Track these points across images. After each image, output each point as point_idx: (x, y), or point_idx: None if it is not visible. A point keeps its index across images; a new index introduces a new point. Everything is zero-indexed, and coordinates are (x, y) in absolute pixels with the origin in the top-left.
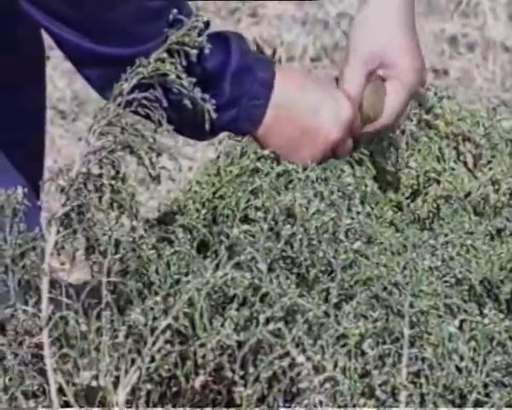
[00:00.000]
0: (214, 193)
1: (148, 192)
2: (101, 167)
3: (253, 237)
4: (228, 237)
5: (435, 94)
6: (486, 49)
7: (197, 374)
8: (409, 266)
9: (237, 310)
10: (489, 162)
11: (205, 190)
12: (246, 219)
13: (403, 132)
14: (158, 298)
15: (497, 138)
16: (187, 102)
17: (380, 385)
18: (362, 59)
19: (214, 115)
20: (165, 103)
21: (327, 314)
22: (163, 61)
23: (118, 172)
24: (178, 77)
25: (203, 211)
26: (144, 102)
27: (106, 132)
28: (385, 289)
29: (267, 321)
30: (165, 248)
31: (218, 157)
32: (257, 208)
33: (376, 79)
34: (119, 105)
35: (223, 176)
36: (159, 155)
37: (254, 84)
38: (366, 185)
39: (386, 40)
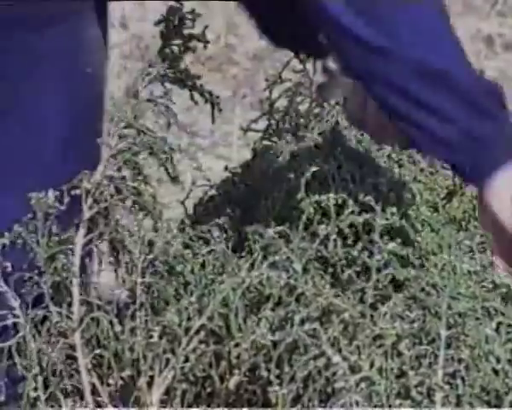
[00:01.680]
0: (249, 193)
1: (183, 192)
2: (119, 170)
3: (288, 236)
4: (262, 236)
5: None
6: None
7: (232, 374)
8: (447, 268)
9: (272, 310)
10: None
11: (240, 189)
12: (281, 219)
13: None
14: (192, 298)
15: None
16: None
17: (415, 386)
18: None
19: None
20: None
21: (363, 315)
22: None
23: (139, 174)
24: None
25: (238, 210)
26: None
27: (124, 135)
28: (422, 290)
29: (302, 321)
30: (201, 247)
31: (254, 157)
32: (292, 208)
33: None
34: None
35: (258, 176)
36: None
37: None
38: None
39: None
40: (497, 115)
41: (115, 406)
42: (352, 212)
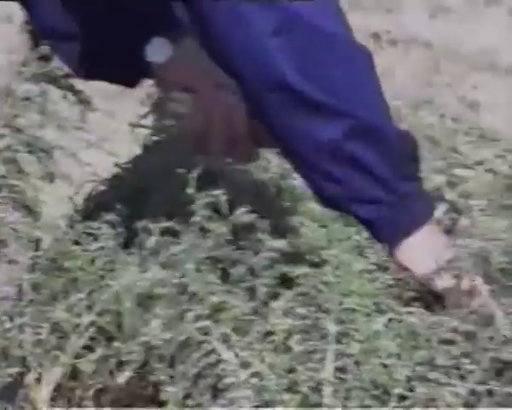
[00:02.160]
0: (139, 188)
1: (73, 188)
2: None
3: (179, 233)
4: (152, 233)
5: None
6: (408, 44)
7: (123, 371)
8: (341, 265)
9: (165, 309)
10: None
11: (130, 185)
12: (171, 215)
13: None
14: (82, 294)
15: (419, 135)
16: None
17: (305, 381)
18: None
19: None
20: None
21: (254, 311)
22: None
23: (19, 172)
24: None
25: (128, 206)
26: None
27: (2, 134)
28: (314, 287)
29: (195, 319)
30: (90, 243)
31: (143, 153)
32: (183, 204)
33: None
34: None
35: (147, 171)
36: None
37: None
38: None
39: None
40: (416, 173)
41: (5, 402)
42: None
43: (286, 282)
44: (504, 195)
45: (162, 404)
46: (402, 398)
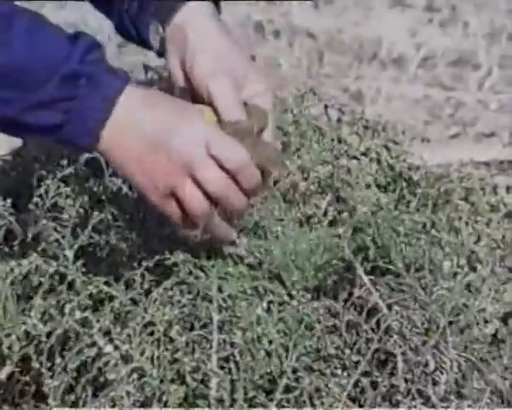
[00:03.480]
0: (21, 180)
1: None
2: None
3: (62, 223)
4: (35, 224)
5: None
6: (292, 35)
7: (3, 365)
8: (213, 251)
9: (44, 299)
10: (298, 150)
11: (11, 177)
12: (54, 206)
13: None
14: None
15: (305, 126)
16: None
17: (190, 372)
18: (227, 80)
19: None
20: None
21: (134, 302)
22: None
23: None
24: None
25: (9, 199)
26: None
27: None
28: (190, 273)
29: (73, 310)
30: None
31: (25, 145)
32: (67, 196)
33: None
34: None
35: (30, 163)
36: None
37: (94, 96)
38: None
39: (235, 58)
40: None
41: None
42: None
43: (166, 271)
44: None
45: (45, 399)
46: (288, 389)
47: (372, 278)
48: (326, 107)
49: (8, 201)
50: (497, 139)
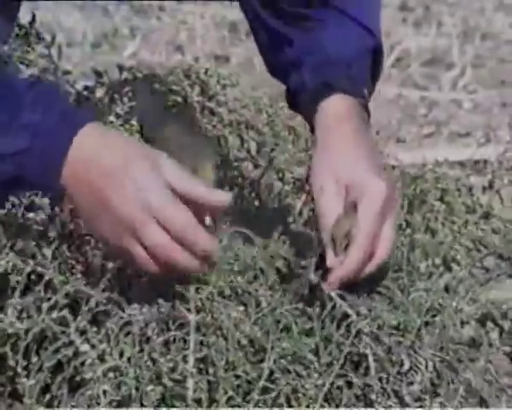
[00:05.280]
0: None
1: None
2: None
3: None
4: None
5: (218, 81)
6: None
7: None
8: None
9: (20, 297)
10: (272, 150)
11: None
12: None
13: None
14: None
15: (280, 126)
16: None
17: (167, 373)
18: (334, 190)
19: None
20: None
21: (114, 302)
22: None
23: None
24: None
25: None
26: None
27: None
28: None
29: (51, 309)
30: None
31: None
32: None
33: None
34: None
35: None
36: None
37: (55, 132)
38: None
39: (351, 165)
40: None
41: None
42: None
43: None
44: None
45: (21, 397)
46: (265, 390)
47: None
48: None
49: None
50: (472, 139)
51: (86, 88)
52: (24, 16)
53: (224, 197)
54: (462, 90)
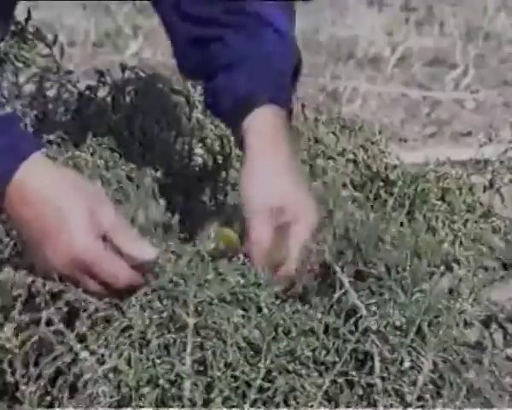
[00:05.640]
0: None
1: None
2: None
3: None
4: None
5: None
6: None
7: None
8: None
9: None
10: None
11: None
12: None
13: (189, 120)
14: None
15: None
16: None
17: (163, 374)
18: (263, 219)
19: None
20: None
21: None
22: None
23: None
24: None
25: None
26: None
27: None
28: (171, 281)
29: (49, 321)
30: None
31: None
32: None
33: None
34: None
35: None
36: None
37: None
38: None
39: (279, 191)
40: None
41: None
42: None
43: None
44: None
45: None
46: (262, 389)
47: (351, 279)
48: (303, 106)
49: None
50: (474, 139)
51: (88, 88)
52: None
53: (150, 254)
54: (464, 90)
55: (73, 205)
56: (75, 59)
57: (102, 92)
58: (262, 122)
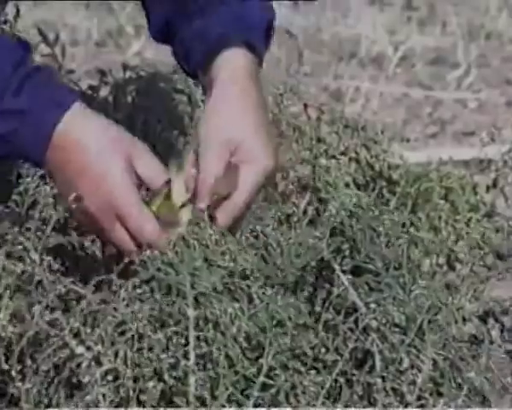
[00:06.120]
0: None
1: None
2: None
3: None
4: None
5: None
6: None
7: None
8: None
9: (11, 299)
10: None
11: None
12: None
13: (191, 119)
14: None
15: (284, 125)
16: None
17: (168, 369)
18: (217, 151)
19: None
20: None
21: (104, 301)
22: None
23: None
24: None
25: None
26: None
27: None
28: (159, 269)
29: (43, 311)
30: None
31: None
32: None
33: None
34: None
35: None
36: None
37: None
38: None
39: (238, 128)
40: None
41: None
42: None
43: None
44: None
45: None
46: (264, 387)
47: (350, 277)
48: (305, 106)
49: None
50: (476, 138)
51: (90, 87)
52: (27, 15)
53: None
54: (466, 90)
55: (112, 152)
56: (78, 58)
57: (104, 91)
58: (232, 62)
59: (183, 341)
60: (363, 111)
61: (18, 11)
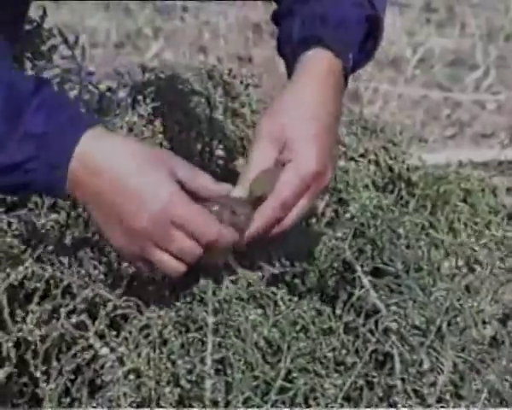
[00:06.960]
0: None
1: None
2: None
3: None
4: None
5: (241, 82)
6: None
7: (2, 366)
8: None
9: (39, 304)
10: None
11: None
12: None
13: (210, 121)
14: None
15: None
16: None
17: (185, 374)
18: (271, 143)
19: None
20: None
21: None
22: None
23: None
24: None
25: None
26: None
27: None
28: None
29: (69, 314)
30: None
31: None
32: None
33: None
34: None
35: None
36: None
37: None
38: None
39: (296, 126)
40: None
41: None
42: None
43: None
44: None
45: (40, 402)
46: (283, 390)
47: (371, 279)
48: None
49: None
50: (495, 140)
51: (109, 89)
52: (49, 16)
53: (238, 191)
54: (485, 91)
55: (154, 164)
56: (97, 60)
57: (122, 93)
58: (315, 62)
59: (202, 347)
60: (381, 112)
61: (44, 11)
